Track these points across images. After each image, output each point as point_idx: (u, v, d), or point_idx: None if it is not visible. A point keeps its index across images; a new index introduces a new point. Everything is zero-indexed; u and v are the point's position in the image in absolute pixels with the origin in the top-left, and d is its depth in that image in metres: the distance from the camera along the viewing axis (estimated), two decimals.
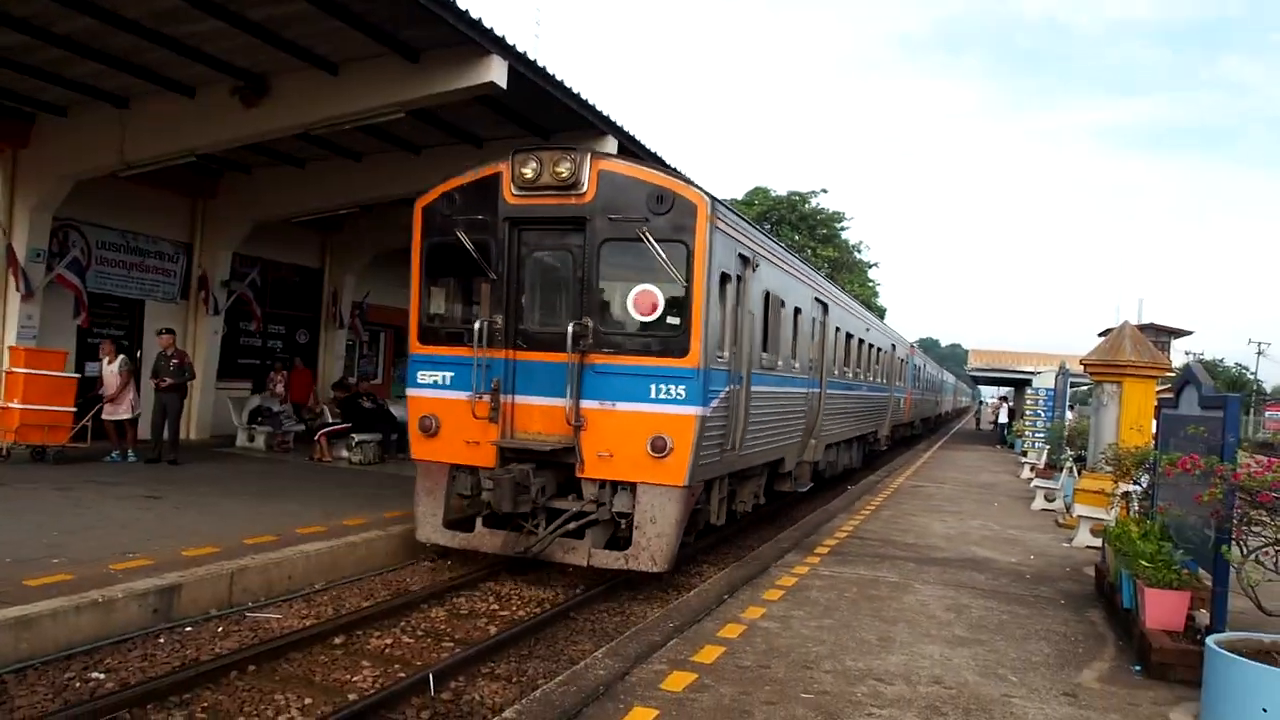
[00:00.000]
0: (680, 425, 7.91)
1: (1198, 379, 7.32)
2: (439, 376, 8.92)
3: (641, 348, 8.10)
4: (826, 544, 10.79)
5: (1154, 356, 13.03)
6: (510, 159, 8.44)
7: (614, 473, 8.20)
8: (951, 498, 16.59)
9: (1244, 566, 5.36)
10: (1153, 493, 8.55)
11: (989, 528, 13.12)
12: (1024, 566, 10.25)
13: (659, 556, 8.23)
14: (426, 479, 9.07)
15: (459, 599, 9.06)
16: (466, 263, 8.65)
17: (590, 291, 8.15)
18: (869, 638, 6.86)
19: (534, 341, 8.46)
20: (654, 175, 8.27)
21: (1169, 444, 7.97)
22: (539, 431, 8.39)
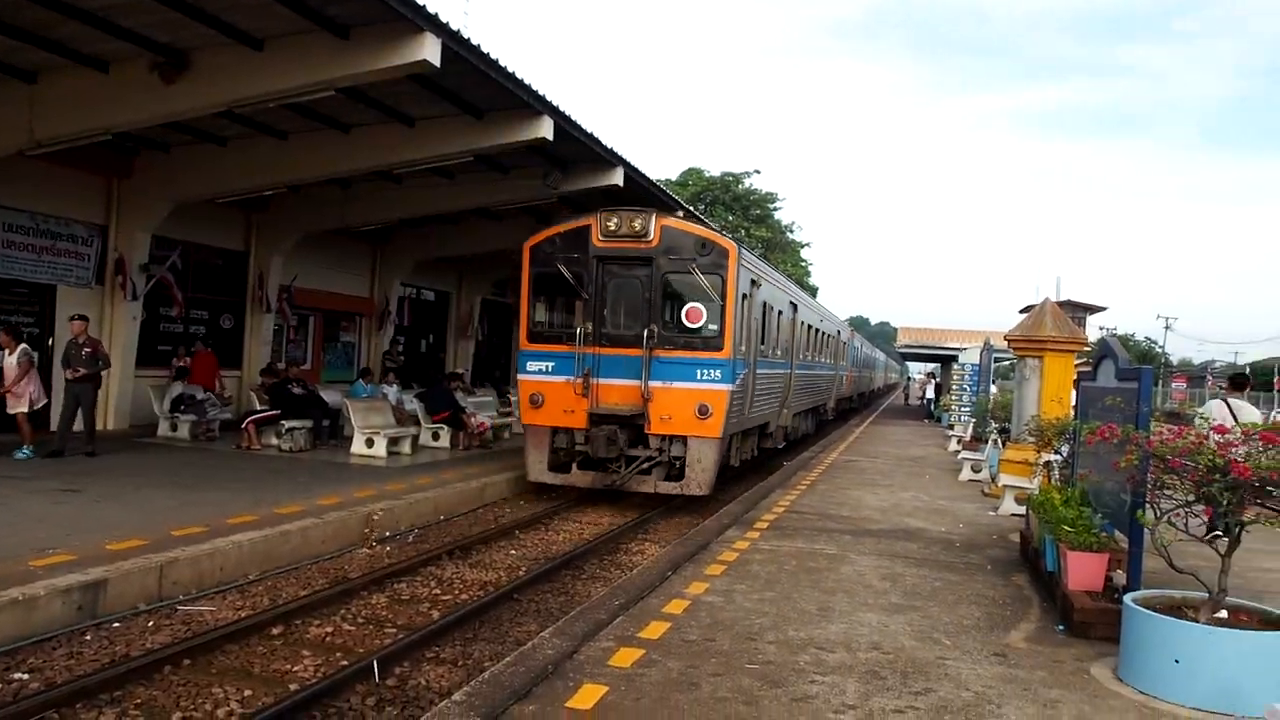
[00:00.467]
0: (717, 397, 12.52)
1: (1114, 353, 7.70)
2: (543, 365, 13.04)
3: (690, 345, 12.51)
4: (765, 519, 11.04)
5: (1073, 332, 13.56)
6: (598, 215, 12.88)
7: (672, 429, 12.65)
8: (884, 471, 17.05)
9: (1157, 528, 5.70)
10: (1073, 461, 8.97)
11: (920, 499, 13.55)
12: (954, 535, 10.64)
13: (704, 484, 12.83)
14: (534, 438, 13.22)
15: (400, 585, 9.06)
16: (564, 286, 12.92)
17: (655, 308, 12.59)
18: (809, 608, 7.09)
19: (613, 341, 12.77)
20: (700, 229, 12.91)
21: (1088, 415, 8.37)
22: (617, 403, 12.68)
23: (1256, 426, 5.89)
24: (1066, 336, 13.24)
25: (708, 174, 65.91)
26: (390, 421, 16.67)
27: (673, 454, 13.13)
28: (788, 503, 12.47)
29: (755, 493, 13.96)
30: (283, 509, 10.32)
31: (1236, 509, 5.44)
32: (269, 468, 13.42)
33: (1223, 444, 5.55)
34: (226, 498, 10.74)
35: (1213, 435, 5.70)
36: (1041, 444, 11.07)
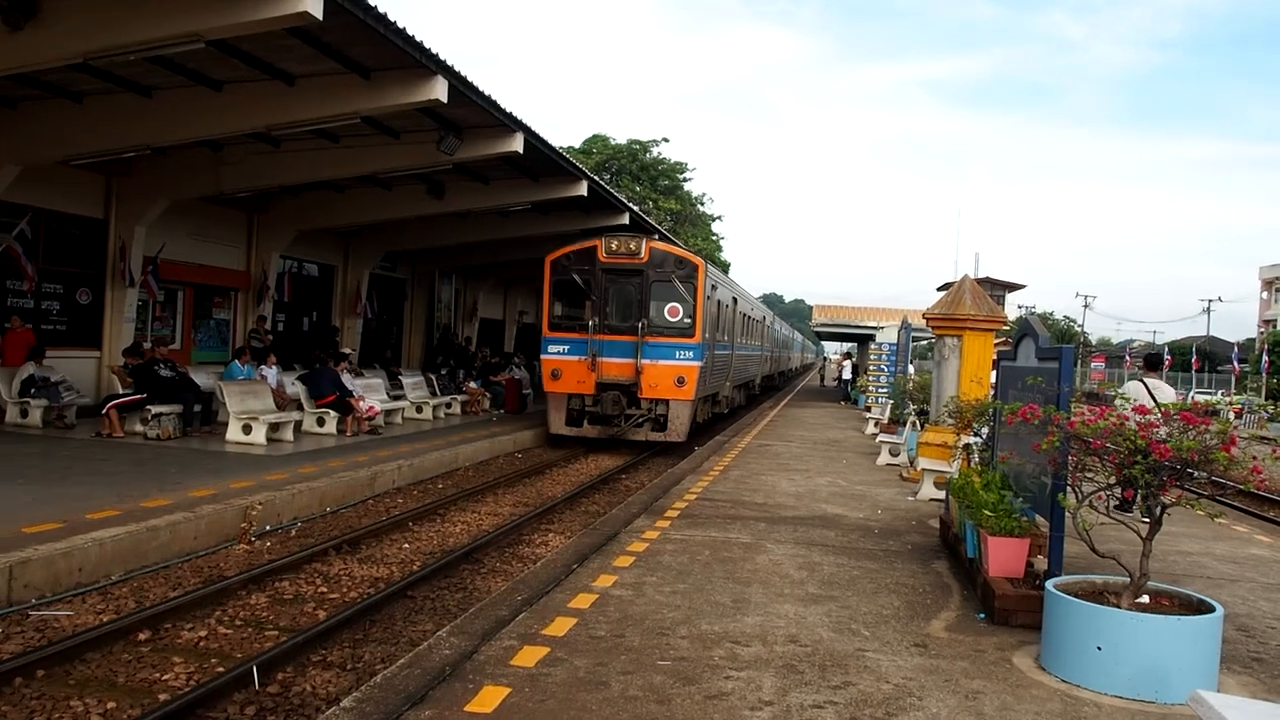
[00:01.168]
0: (690, 371, 18.53)
1: (1035, 331, 7.90)
2: (562, 348, 19.01)
3: (671, 333, 18.50)
4: (676, 507, 11.08)
5: (992, 310, 13.94)
6: (603, 239, 18.94)
7: (658, 394, 18.60)
8: (799, 456, 17.32)
9: (1079, 511, 5.87)
10: (993, 444, 9.21)
11: (837, 484, 13.79)
12: (872, 522, 10.85)
13: (682, 433, 18.88)
14: (555, 401, 19.14)
15: (282, 583, 8.83)
16: (576, 291, 18.82)
17: (645, 306, 18.58)
18: (724, 600, 7.12)
19: (614, 330, 18.70)
20: (679, 250, 19.31)
21: (1008, 395, 8.59)
22: (617, 375, 18.69)
23: (1176, 407, 6.11)
24: (986, 315, 13.60)
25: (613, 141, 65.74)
26: (269, 406, 16.24)
27: (658, 412, 19.66)
28: (699, 489, 12.55)
29: (665, 479, 14.05)
30: (150, 502, 9.94)
31: (1158, 491, 5.63)
32: (134, 458, 12.92)
33: (1144, 425, 5.74)
34: (85, 491, 10.27)
35: (1134, 416, 5.89)
36: (961, 426, 11.36)
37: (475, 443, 17.49)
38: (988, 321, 13.71)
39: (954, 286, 14.61)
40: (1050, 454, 6.22)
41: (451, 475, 15.55)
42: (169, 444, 14.52)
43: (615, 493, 15.23)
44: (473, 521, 12.26)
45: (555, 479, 16.23)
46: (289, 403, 17.44)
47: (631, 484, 16.18)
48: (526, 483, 15.52)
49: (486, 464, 17.06)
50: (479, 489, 14.22)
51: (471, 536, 11.33)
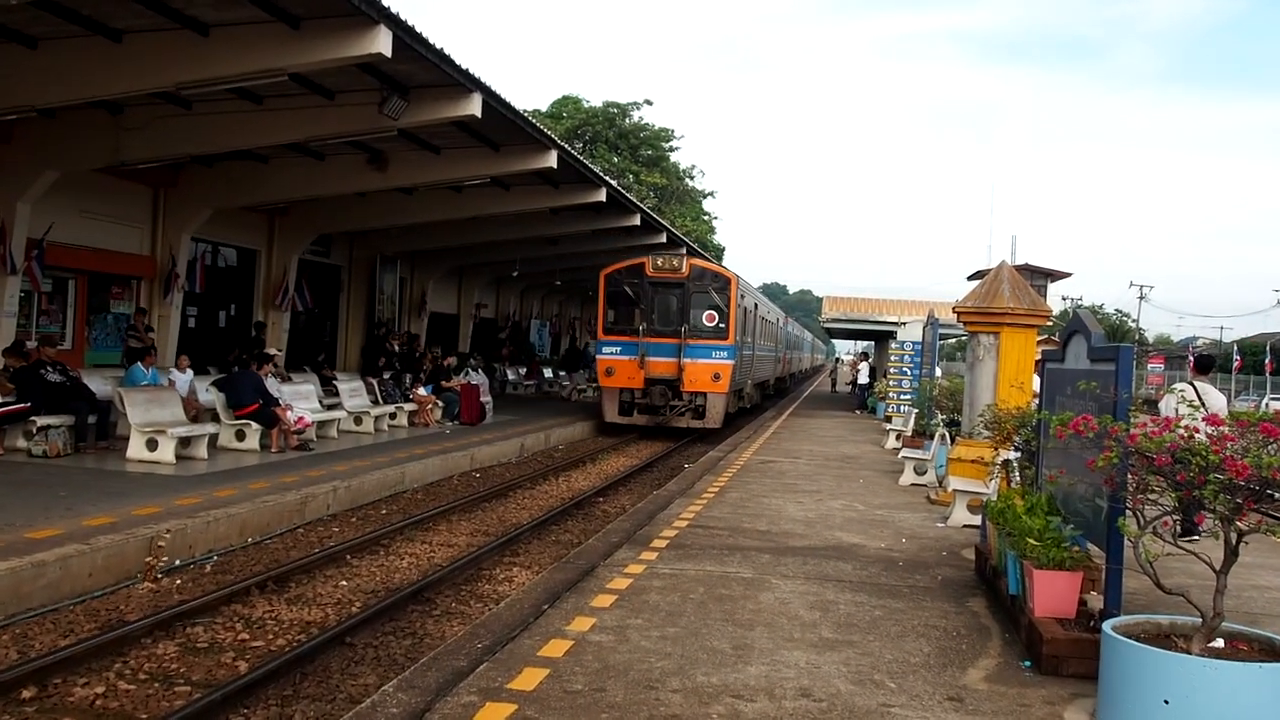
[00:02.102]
0: (725, 368, 26.63)
1: (1086, 327, 7.93)
2: (615, 349, 26.52)
3: (708, 335, 26.62)
4: (665, 535, 11.07)
5: (1034, 302, 14.03)
6: (650, 258, 27.11)
7: (697, 388, 26.40)
8: (808, 475, 17.35)
9: (1141, 539, 5.88)
10: (1038, 460, 9.24)
11: (853, 508, 13.83)
12: (895, 552, 10.88)
13: (718, 421, 26.66)
14: (609, 394, 26.59)
15: (195, 628, 8.76)
16: (627, 300, 26.64)
17: (686, 313, 26.60)
18: (722, 646, 7.11)
19: (659, 333, 26.51)
20: (715, 266, 29.67)
21: (1055, 403, 8.62)
22: (662, 372, 26.35)
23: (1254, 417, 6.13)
24: (1027, 308, 13.67)
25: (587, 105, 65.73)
26: (179, 417, 16.14)
27: (697, 403, 27.10)
28: (692, 515, 12.55)
29: (650, 504, 14.06)
30: (35, 533, 9.85)
31: (1234, 515, 5.65)
32: (16, 478, 12.80)
33: (1216, 438, 5.75)
34: None
35: (1204, 427, 5.91)
36: (999, 439, 11.39)
37: (425, 460, 17.44)
38: (1029, 316, 13.79)
39: (989, 275, 14.67)
40: (1106, 472, 6.23)
41: (397, 499, 15.50)
42: (58, 462, 14.39)
43: (591, 519, 15.22)
44: (423, 554, 12.21)
45: (521, 503, 16.20)
46: (202, 413, 17.30)
47: (610, 508, 16.17)
48: (487, 508, 15.49)
49: (439, 485, 17.02)
50: (430, 515, 14.18)
51: (421, 572, 11.28)
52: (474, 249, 33.16)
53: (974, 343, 14.17)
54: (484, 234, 30.24)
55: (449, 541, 12.98)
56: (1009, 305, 13.57)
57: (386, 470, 15.98)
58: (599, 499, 17.03)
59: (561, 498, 16.93)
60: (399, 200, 25.30)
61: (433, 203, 25.77)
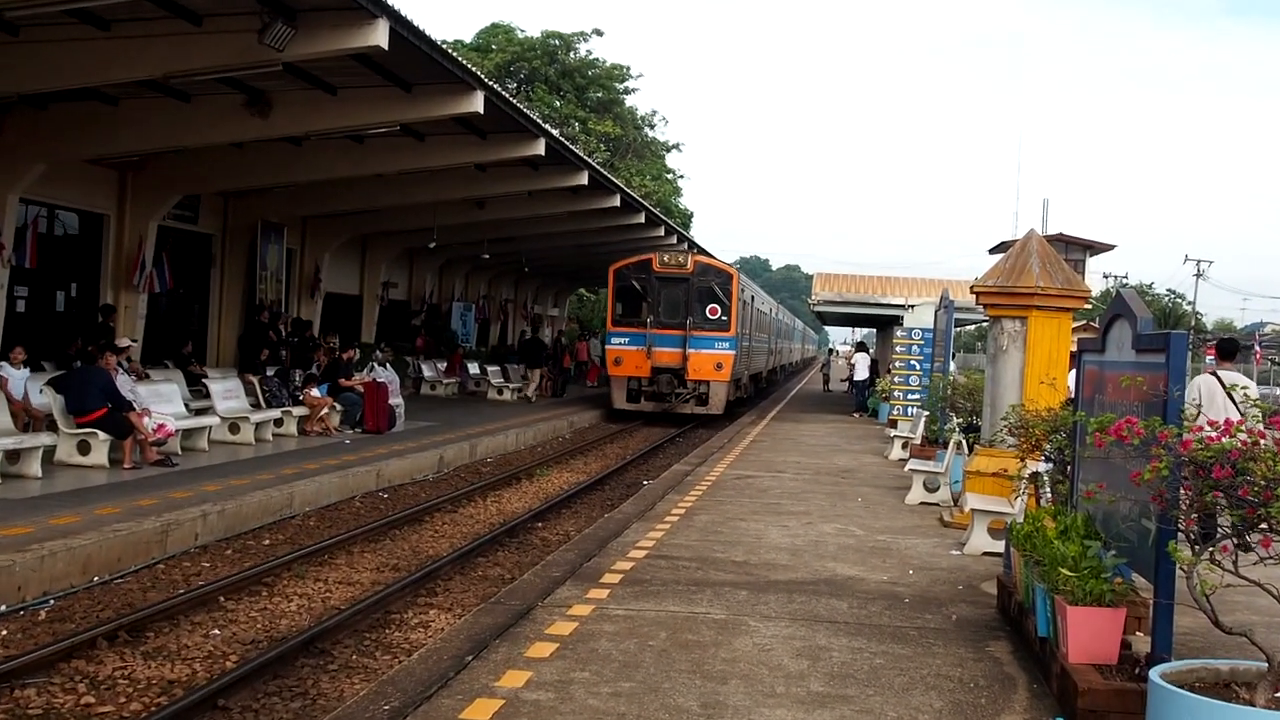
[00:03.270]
0: (727, 358, 35.82)
1: (1132, 311, 8.04)
2: (623, 340, 35.65)
3: (711, 328, 35.76)
4: (618, 568, 11.11)
5: (1069, 280, 14.20)
6: (657, 254, 37.26)
7: (700, 377, 35.48)
8: (795, 492, 17.46)
9: (1196, 568, 5.98)
10: (1073, 473, 9.36)
11: (850, 533, 13.94)
12: (901, 586, 10.98)
13: (720, 408, 35.83)
14: (617, 383, 35.74)
15: (25, 691, 8.69)
16: (635, 294, 35.89)
17: (691, 306, 35.65)
18: (689, 704, 7.16)
19: (665, 325, 35.41)
20: (718, 262, 41.04)
21: (1094, 403, 8.74)
22: (668, 362, 35.28)
23: None
24: (1061, 287, 13.83)
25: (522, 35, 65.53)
26: (6, 425, 15.95)
27: (701, 391, 34.96)
28: (651, 543, 12.59)
29: (600, 528, 14.10)
30: None
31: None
32: None
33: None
34: None
35: (1272, 430, 6.03)
36: (1027, 448, 11.52)
37: (320, 477, 17.38)
38: (1063, 296, 13.95)
39: (1015, 247, 14.84)
40: (1155, 486, 6.33)
41: (284, 526, 15.44)
42: None
43: (527, 549, 15.24)
44: (317, 594, 12.17)
45: (440, 530, 16.20)
46: (38, 420, 17.11)
47: (551, 536, 16.19)
48: (397, 536, 15.46)
49: (337, 509, 16.96)
50: (326, 546, 14.15)
51: (315, 616, 11.24)
52: (381, 214, 33.02)
53: (996, 330, 14.31)
54: (393, 195, 30.13)
55: (350, 578, 12.92)
56: (1038, 284, 13.72)
57: (271, 490, 15.90)
58: (537, 524, 17.04)
59: (490, 523, 16.93)
60: (286, 153, 25.14)
61: (329, 156, 25.63)
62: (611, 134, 65.35)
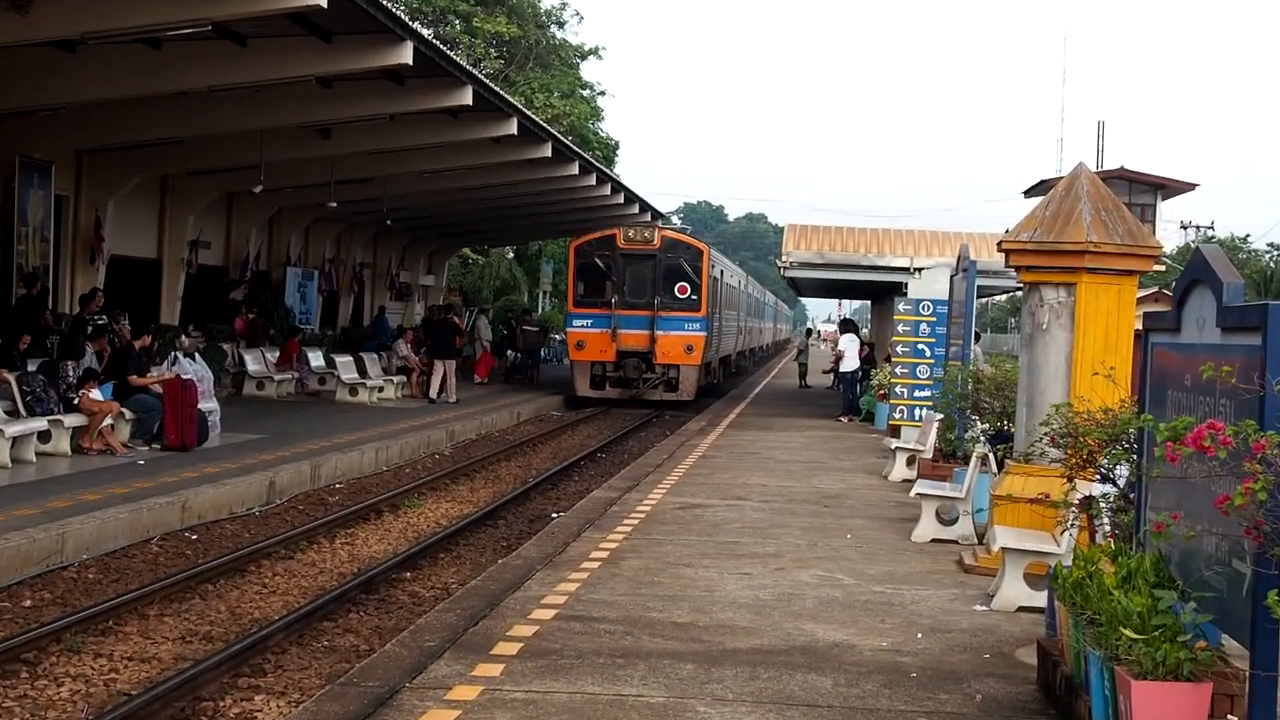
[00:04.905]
0: (698, 340, 45.34)
1: (1215, 274, 8.01)
2: (586, 321, 45.00)
3: (680, 308, 45.38)
4: (517, 634, 11.09)
5: (1131, 232, 14.23)
6: (622, 228, 47.59)
7: (670, 360, 44.80)
8: (760, 527, 17.48)
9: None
10: (1139, 497, 9.38)
11: (836, 582, 13.97)
12: (906, 655, 10.99)
13: (690, 393, 45.12)
14: (580, 368, 45.37)
15: None
16: (598, 272, 45.69)
17: (658, 285, 45.36)
18: None
19: (631, 305, 44.90)
20: (687, 238, 53.08)
21: (1165, 400, 8.74)
22: (634, 345, 44.67)
23: None
24: (1122, 243, 13.87)
25: None
26: None
27: (670, 376, 44.09)
28: (563, 598, 12.58)
29: (490, 581, 14.02)
30: None
31: None
32: None
33: None
34: None
35: None
36: (1076, 463, 11.56)
37: (102, 512, 17.20)
38: (1125, 254, 13.99)
39: (1058, 188, 14.87)
40: (1249, 515, 6.34)
41: (53, 580, 15.34)
42: None
43: (391, 608, 15.14)
44: (98, 674, 12.06)
45: (269, 582, 16.10)
46: None
47: (424, 589, 16.12)
48: (210, 593, 15.34)
49: (126, 556, 16.78)
50: (113, 606, 13.99)
51: (95, 707, 11.08)
52: (187, 147, 32.67)
53: (1033, 301, 14.33)
54: (203, 120, 29.82)
55: (144, 652, 12.80)
56: (1090, 238, 13.74)
57: (34, 531, 15.72)
58: (404, 574, 16.94)
59: (340, 573, 16.87)
60: (52, 59, 24.76)
61: (113, 67, 25.29)
62: (505, 34, 65.14)
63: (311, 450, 24.65)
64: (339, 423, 30.13)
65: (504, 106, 32.84)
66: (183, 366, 25.79)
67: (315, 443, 25.71)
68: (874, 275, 45.51)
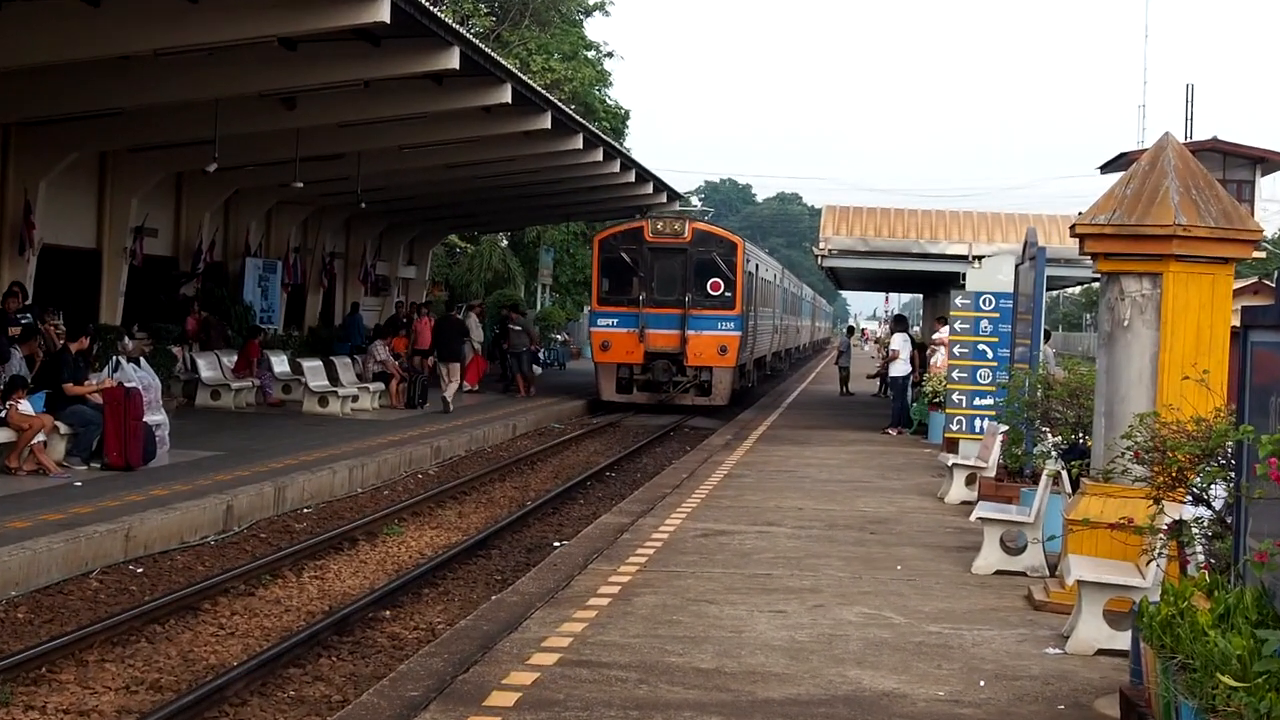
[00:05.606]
0: (732, 340, 49.00)
1: None
2: (610, 321, 48.64)
3: (713, 306, 48.88)
4: (514, 681, 11.10)
5: (1228, 213, 14.21)
6: (649, 218, 51.49)
7: (701, 362, 48.34)
8: (796, 557, 17.46)
9: None
10: (1237, 522, 9.35)
11: (885, 621, 13.95)
12: (967, 707, 10.99)
13: (724, 397, 48.70)
14: (605, 370, 48.93)
15: None
16: (624, 267, 49.19)
17: (689, 281, 48.79)
18: None
19: (659, 303, 48.27)
20: (720, 230, 55.55)
21: (1267, 409, 8.71)
22: (663, 345, 48.13)
23: None
24: (1216, 226, 13.83)
25: None
26: None
27: (703, 379, 47.37)
28: (566, 640, 12.62)
29: (482, 620, 13.98)
30: None
31: None
32: None
33: None
34: None
35: None
36: (1164, 483, 11.52)
37: (33, 542, 17.19)
38: (1220, 240, 13.97)
39: (1141, 163, 14.84)
40: None
41: None
42: None
43: (367, 652, 15.12)
44: None
45: (226, 622, 16.13)
46: None
47: (405, 630, 16.10)
48: (159, 634, 15.35)
49: (62, 592, 16.79)
50: (44, 653, 13.91)
51: None
52: (131, 119, 32.68)
53: (1113, 294, 14.30)
54: (149, 88, 29.83)
55: (83, 704, 12.81)
56: (1179, 220, 13.72)
57: None
58: (383, 613, 16.92)
59: (309, 611, 16.91)
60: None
61: (44, 25, 25.32)
62: None
63: (275, 469, 24.65)
64: (307, 437, 30.13)
65: (496, 71, 32.71)
66: (126, 373, 25.77)
67: (279, 460, 25.72)
68: (926, 264, 45.50)
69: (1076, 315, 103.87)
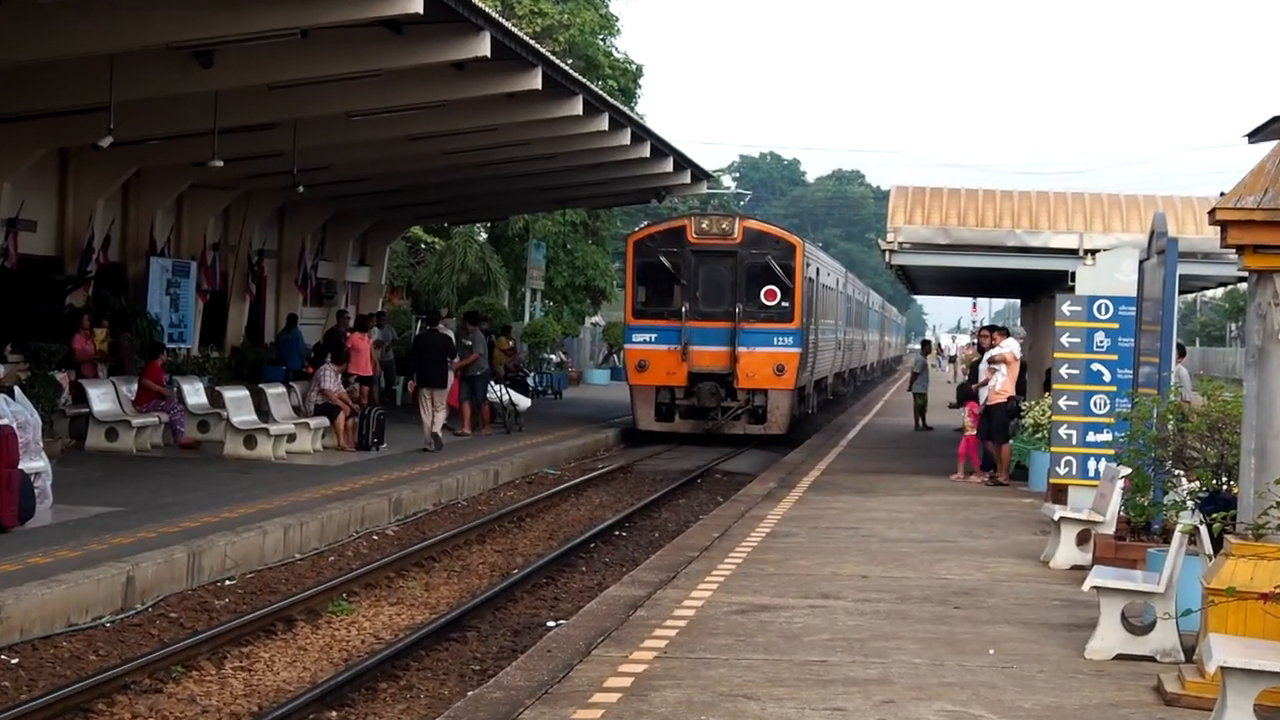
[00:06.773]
0: (790, 358, 56.24)
1: None
2: (648, 337, 55.39)
3: (768, 318, 55.98)
4: None
5: None
6: (692, 218, 59.61)
7: (755, 384, 55.57)
8: (857, 637, 17.42)
9: None
10: None
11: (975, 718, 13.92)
12: None
13: (782, 425, 55.71)
14: (641, 395, 55.73)
15: None
16: (664, 274, 56.10)
17: (740, 289, 55.72)
18: None
19: (705, 316, 54.86)
20: (775, 230, 62.79)
21: None
22: (709, 365, 54.73)
23: None
24: None
25: None
26: None
27: (756, 403, 53.93)
28: None
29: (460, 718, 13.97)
30: None
31: None
32: None
33: None
34: None
35: None
36: None
37: None
38: None
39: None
40: None
41: None
42: None
43: None
44: None
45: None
46: None
47: None
48: None
49: None
50: None
51: None
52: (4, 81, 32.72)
53: (1264, 297, 14.28)
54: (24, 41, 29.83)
55: None
56: None
57: None
58: (328, 713, 16.92)
59: (231, 712, 17.01)
60: None
61: None
62: None
63: (189, 529, 24.62)
64: (230, 488, 30.12)
65: (470, 16, 32.59)
66: None
67: (194, 518, 25.70)
68: (1024, 261, 44.96)
69: (1218, 325, 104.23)
